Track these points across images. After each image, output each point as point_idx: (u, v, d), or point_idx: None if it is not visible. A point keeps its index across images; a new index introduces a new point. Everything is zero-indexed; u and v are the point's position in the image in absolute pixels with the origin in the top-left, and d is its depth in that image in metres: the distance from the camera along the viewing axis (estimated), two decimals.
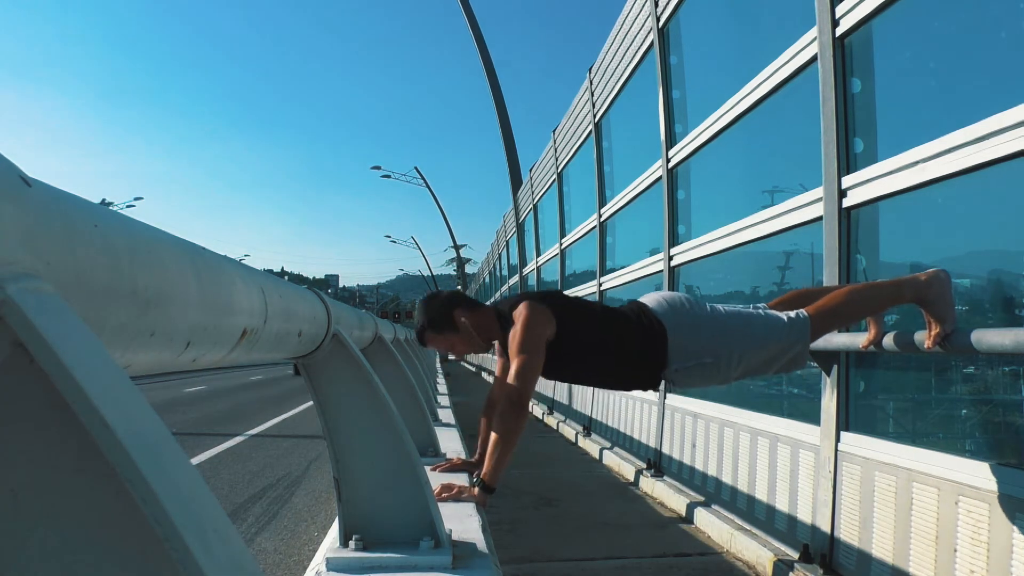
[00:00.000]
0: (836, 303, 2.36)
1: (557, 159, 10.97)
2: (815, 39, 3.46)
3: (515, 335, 2.23)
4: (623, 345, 2.30)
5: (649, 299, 2.41)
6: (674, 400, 5.50)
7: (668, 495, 5.01)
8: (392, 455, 1.51)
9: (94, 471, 0.45)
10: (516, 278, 16.30)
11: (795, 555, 3.35)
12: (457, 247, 46.28)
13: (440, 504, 1.64)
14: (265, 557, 3.94)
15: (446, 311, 2.38)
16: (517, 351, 2.20)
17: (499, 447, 2.13)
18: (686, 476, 5.06)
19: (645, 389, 2.44)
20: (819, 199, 3.42)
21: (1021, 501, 2.20)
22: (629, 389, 2.51)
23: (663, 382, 2.37)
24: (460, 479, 2.31)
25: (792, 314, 2.33)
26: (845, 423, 3.20)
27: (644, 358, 2.30)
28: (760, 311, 2.41)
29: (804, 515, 3.47)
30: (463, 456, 2.85)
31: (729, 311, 2.39)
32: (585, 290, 9.05)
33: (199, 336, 0.81)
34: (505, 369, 2.42)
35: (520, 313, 2.26)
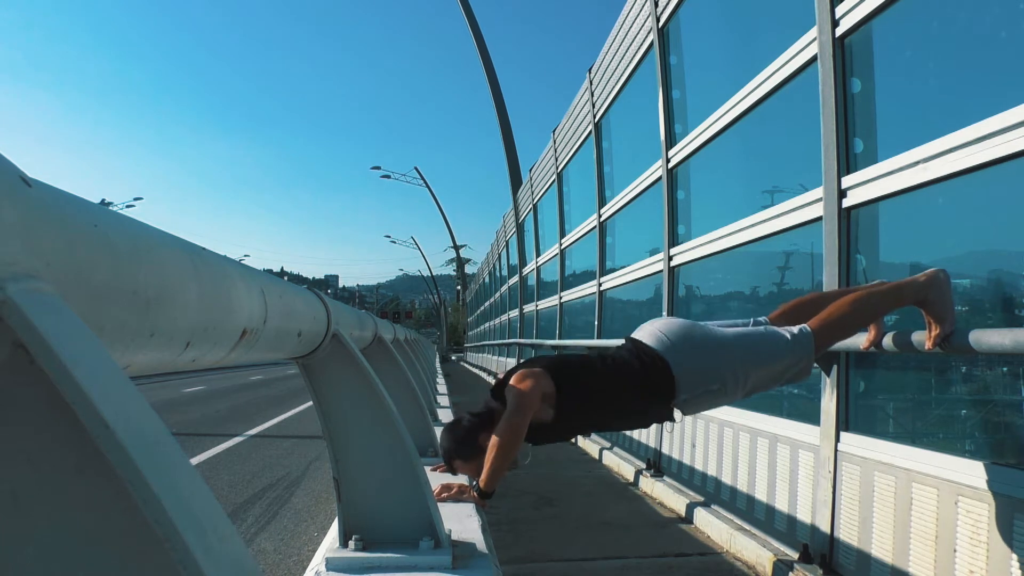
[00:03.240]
0: (838, 315, 2.34)
1: (557, 159, 10.97)
2: (815, 39, 3.46)
3: (512, 383, 2.21)
4: (629, 391, 2.25)
5: (646, 334, 2.35)
6: None
7: (668, 495, 5.01)
8: (392, 455, 1.51)
9: (94, 471, 0.45)
10: (516, 278, 16.30)
11: (795, 555, 3.35)
12: (457, 247, 46.31)
13: (440, 504, 1.64)
14: (265, 557, 3.94)
15: (472, 438, 2.30)
16: (519, 380, 2.18)
17: (495, 453, 2.12)
18: (686, 476, 5.06)
19: (661, 422, 2.41)
20: (819, 199, 3.42)
21: (1021, 501, 2.20)
22: (647, 426, 2.50)
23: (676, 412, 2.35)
24: (460, 479, 2.31)
25: (795, 330, 2.30)
26: (845, 423, 3.19)
27: (654, 396, 2.26)
28: (762, 328, 2.38)
29: (804, 515, 3.47)
30: None
31: (731, 335, 2.34)
32: (585, 290, 9.05)
33: (199, 336, 0.81)
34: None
35: (515, 377, 2.25)
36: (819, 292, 3.03)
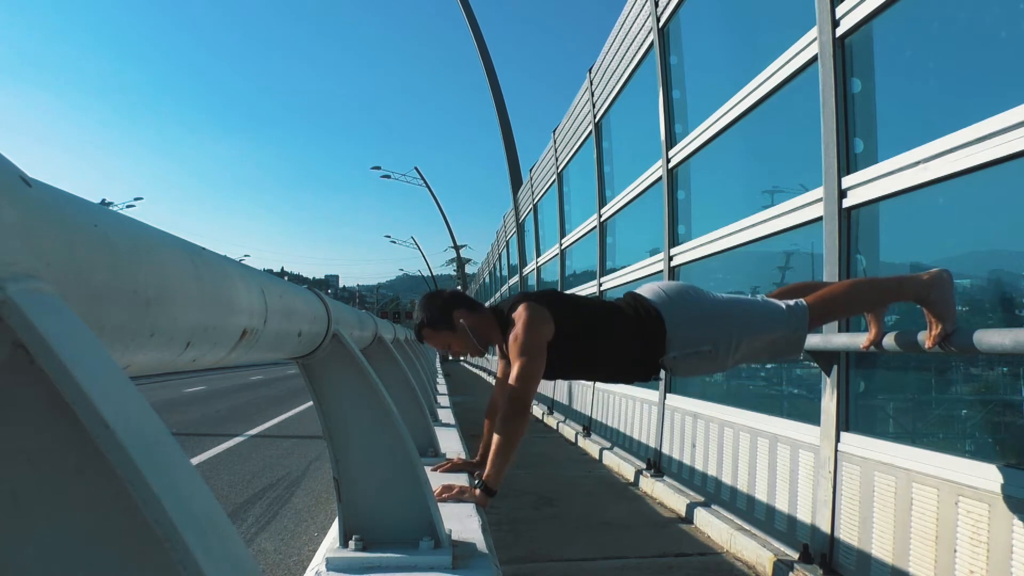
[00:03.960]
0: (836, 294, 2.38)
1: (557, 159, 10.97)
2: (815, 39, 3.46)
3: (516, 337, 2.22)
4: (622, 337, 2.30)
5: (646, 290, 2.41)
6: (674, 400, 5.50)
7: (668, 495, 5.01)
8: (392, 455, 1.51)
9: (94, 471, 0.45)
10: (516, 278, 16.30)
11: (795, 555, 3.34)
12: (457, 247, 46.28)
13: (440, 504, 1.64)
14: (265, 557, 3.93)
15: (446, 310, 2.38)
16: (518, 354, 2.20)
17: (501, 449, 2.13)
18: (686, 476, 5.06)
19: (646, 379, 2.43)
20: (819, 199, 3.42)
21: (1021, 501, 2.20)
22: (629, 381, 2.50)
23: (662, 371, 2.38)
24: (460, 479, 2.31)
25: (791, 302, 2.34)
26: (845, 423, 3.19)
27: (643, 349, 2.30)
28: (759, 299, 2.43)
29: (804, 515, 3.47)
30: (463, 456, 2.85)
31: (727, 299, 2.41)
32: (585, 290, 9.05)
33: (199, 336, 0.81)
34: (506, 371, 2.42)
35: (520, 315, 2.25)
36: (819, 281, 3.03)
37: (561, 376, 2.45)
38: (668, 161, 5.81)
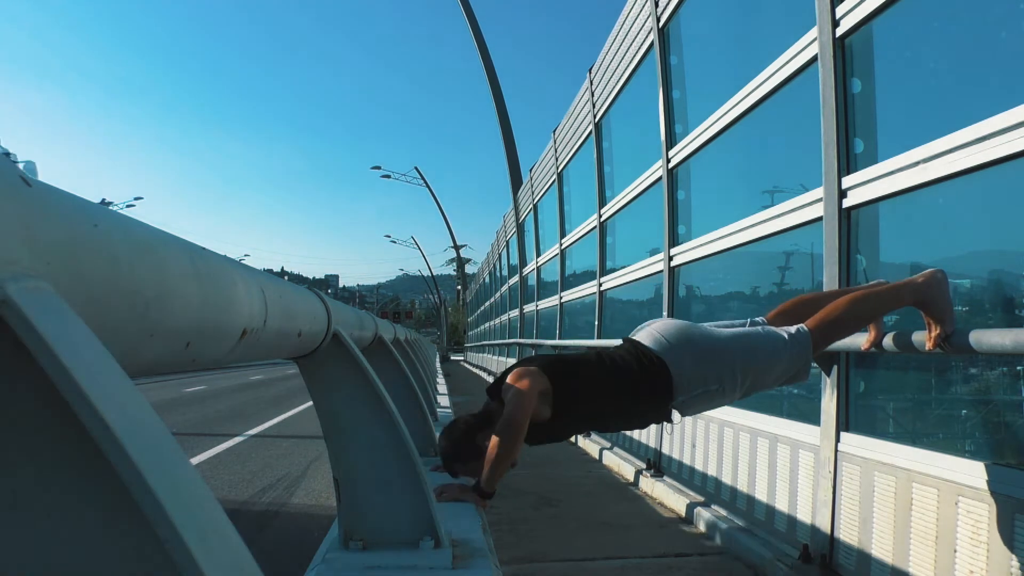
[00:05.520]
0: (836, 315, 2.34)
1: (557, 159, 10.97)
2: (815, 39, 3.46)
3: (507, 388, 2.18)
4: (627, 390, 2.24)
5: (645, 336, 2.35)
6: None
7: (668, 495, 5.01)
8: (392, 455, 1.51)
9: (94, 471, 0.45)
10: (516, 278, 16.31)
11: (795, 555, 3.34)
12: (457, 247, 46.29)
13: (440, 504, 1.64)
14: (265, 557, 3.93)
15: (469, 440, 2.28)
16: (513, 381, 2.18)
17: (498, 453, 2.11)
18: (686, 476, 5.06)
19: (659, 423, 2.40)
20: (819, 199, 3.42)
21: (1021, 501, 2.20)
22: (644, 427, 2.51)
23: (674, 414, 2.34)
24: (460, 479, 2.30)
25: (792, 330, 2.31)
26: (845, 423, 3.19)
27: (651, 398, 2.26)
28: (759, 328, 2.38)
29: (804, 515, 3.47)
30: None
31: (728, 335, 2.34)
32: (585, 290, 9.06)
33: (199, 336, 0.81)
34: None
35: (510, 375, 2.23)
36: (817, 292, 3.02)
37: (575, 431, 2.43)
38: (668, 161, 5.81)
